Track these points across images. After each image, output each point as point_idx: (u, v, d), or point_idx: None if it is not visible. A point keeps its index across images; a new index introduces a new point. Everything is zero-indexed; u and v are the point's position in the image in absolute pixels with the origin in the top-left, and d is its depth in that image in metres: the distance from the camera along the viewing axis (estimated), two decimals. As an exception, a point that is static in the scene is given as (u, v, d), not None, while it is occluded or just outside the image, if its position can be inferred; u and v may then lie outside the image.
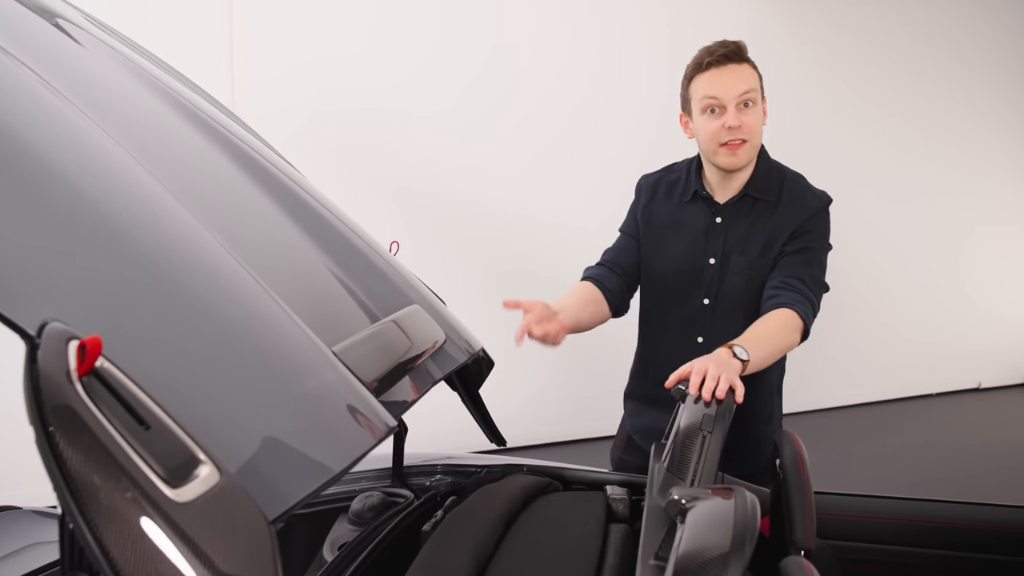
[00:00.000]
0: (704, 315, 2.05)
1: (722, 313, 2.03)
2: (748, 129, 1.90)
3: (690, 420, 1.45)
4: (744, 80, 1.89)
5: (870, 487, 1.81)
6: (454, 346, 1.49)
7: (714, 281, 2.02)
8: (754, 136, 1.92)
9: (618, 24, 4.87)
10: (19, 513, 1.91)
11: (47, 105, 1.00)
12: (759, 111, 1.93)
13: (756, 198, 1.99)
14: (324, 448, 0.90)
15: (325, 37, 4.48)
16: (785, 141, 5.40)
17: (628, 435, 2.26)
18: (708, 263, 2.02)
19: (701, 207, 2.04)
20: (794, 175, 2.06)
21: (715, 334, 2.03)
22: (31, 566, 1.56)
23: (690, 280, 2.05)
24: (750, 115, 1.90)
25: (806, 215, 1.98)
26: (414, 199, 4.76)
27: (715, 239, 2.02)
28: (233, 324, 0.94)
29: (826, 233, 2.02)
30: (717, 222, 2.02)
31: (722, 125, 1.89)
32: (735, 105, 1.88)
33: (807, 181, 2.07)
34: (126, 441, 0.66)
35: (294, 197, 1.42)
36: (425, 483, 1.81)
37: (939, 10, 5.85)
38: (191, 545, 0.65)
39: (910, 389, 6.01)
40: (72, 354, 0.66)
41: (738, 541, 0.88)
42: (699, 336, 2.06)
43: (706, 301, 2.04)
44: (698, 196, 2.04)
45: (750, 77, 1.91)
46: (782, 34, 5.45)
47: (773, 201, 1.99)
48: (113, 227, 0.89)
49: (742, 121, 1.89)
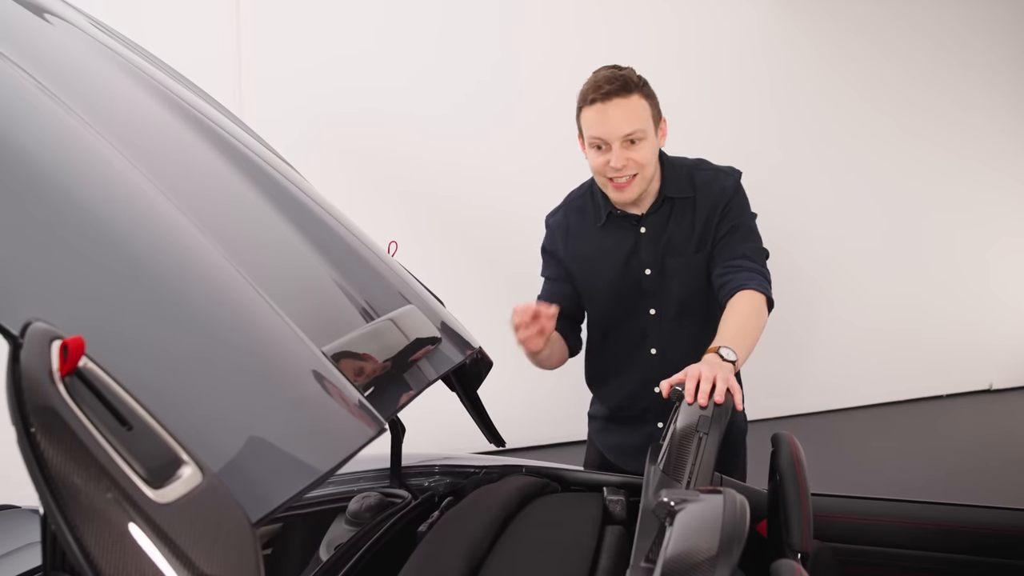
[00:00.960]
0: (653, 325, 2.05)
1: (670, 319, 2.03)
2: (635, 164, 1.88)
3: (686, 422, 1.44)
4: (629, 119, 1.85)
5: (879, 489, 1.79)
6: (450, 346, 1.48)
7: (655, 290, 2.02)
8: (645, 168, 1.90)
9: (628, 24, 4.86)
10: (19, 512, 1.92)
11: (34, 104, 1.00)
12: (649, 143, 1.89)
13: (675, 198, 1.99)
14: (310, 449, 0.90)
15: (331, 38, 4.49)
16: (798, 142, 5.45)
17: (599, 451, 2.25)
18: (645, 275, 2.02)
19: (621, 224, 2.03)
20: (698, 163, 2.05)
21: (668, 342, 2.04)
22: (29, 565, 1.57)
23: (632, 296, 2.04)
24: (638, 151, 1.87)
25: (726, 197, 1.98)
26: (420, 200, 4.76)
27: (645, 250, 2.01)
28: (220, 325, 0.94)
29: (747, 205, 2.02)
30: (642, 232, 2.01)
31: (606, 162, 1.88)
32: (620, 143, 1.86)
33: (712, 163, 2.06)
34: (107, 442, 0.66)
35: (289, 196, 1.42)
36: (423, 484, 1.81)
37: (946, 12, 5.83)
38: (172, 546, 0.65)
39: (921, 390, 5.98)
40: (55, 354, 0.66)
41: (726, 544, 0.88)
42: (652, 348, 2.06)
43: (652, 311, 2.04)
44: (614, 216, 2.03)
45: (636, 115, 1.86)
46: (792, 36, 5.43)
47: (692, 195, 1.99)
48: (100, 227, 0.90)
49: (628, 158, 1.87)
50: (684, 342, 2.02)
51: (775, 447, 1.51)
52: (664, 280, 2.01)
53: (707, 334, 1.81)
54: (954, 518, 1.71)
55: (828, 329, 5.75)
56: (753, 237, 1.99)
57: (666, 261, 2.00)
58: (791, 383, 5.63)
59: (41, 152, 0.93)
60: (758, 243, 1.99)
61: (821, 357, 5.75)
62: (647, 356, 2.06)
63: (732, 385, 1.53)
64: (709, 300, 2.00)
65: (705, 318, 2.00)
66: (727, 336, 1.74)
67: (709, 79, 5.07)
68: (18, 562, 1.62)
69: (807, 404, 5.67)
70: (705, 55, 5.05)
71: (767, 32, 5.38)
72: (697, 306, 2.02)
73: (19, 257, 0.78)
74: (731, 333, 1.75)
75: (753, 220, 2.02)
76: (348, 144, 4.58)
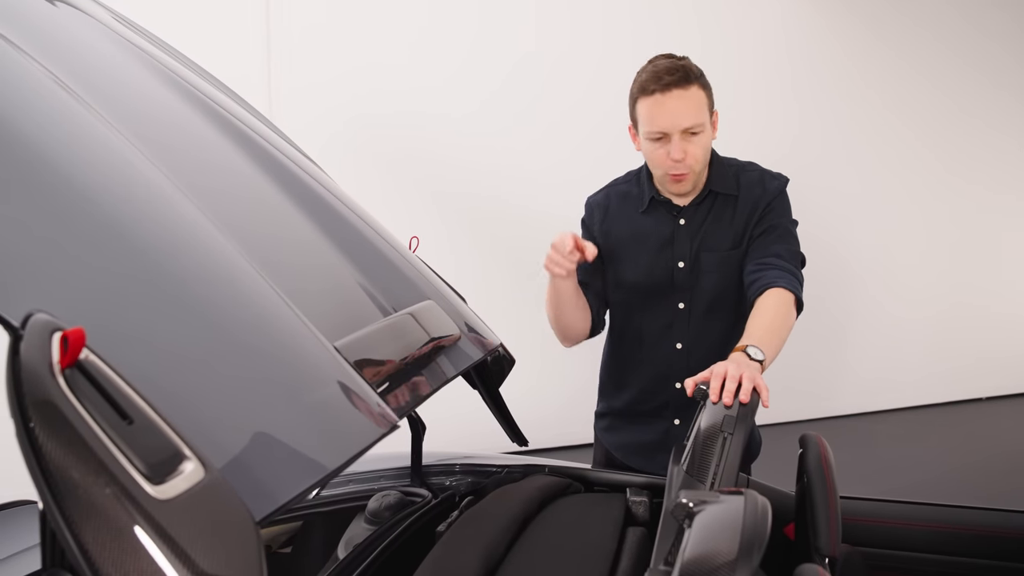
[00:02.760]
0: (681, 320, 2.02)
1: (699, 315, 2.01)
2: (692, 159, 1.87)
3: (710, 422, 1.41)
4: (689, 112, 1.84)
5: (914, 494, 1.75)
6: (469, 343, 1.46)
7: (687, 284, 2.00)
8: (698, 163, 1.90)
9: (651, 23, 4.83)
10: (36, 508, 1.93)
11: (48, 96, 0.99)
12: (706, 137, 1.89)
13: (719, 193, 1.98)
14: (318, 445, 0.88)
15: (362, 42, 4.51)
16: (838, 140, 5.38)
17: (606, 450, 2.21)
18: (678, 267, 2.00)
19: (661, 213, 2.02)
20: (747, 164, 2.04)
21: (695, 337, 2.02)
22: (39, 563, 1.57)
23: (662, 288, 2.02)
24: (695, 144, 1.87)
25: (768, 198, 1.97)
26: (449, 199, 4.78)
27: (681, 242, 1.99)
28: (227, 318, 0.92)
29: (788, 210, 2.00)
30: (681, 224, 2.00)
31: (666, 154, 1.87)
32: (680, 135, 1.85)
33: (760, 166, 2.05)
34: (107, 436, 0.65)
35: (308, 191, 1.40)
36: (444, 483, 1.79)
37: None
38: (171, 544, 0.64)
39: (960, 393, 5.89)
40: (55, 346, 0.65)
41: (746, 547, 0.85)
42: (678, 342, 2.03)
43: (681, 305, 2.02)
44: (656, 203, 2.02)
45: (696, 106, 1.85)
46: (819, 33, 5.37)
47: (735, 194, 1.98)
48: (108, 219, 0.89)
49: (687, 151, 1.86)
50: (711, 339, 2.00)
51: (803, 448, 1.47)
52: (697, 275, 1.99)
53: (736, 332, 1.78)
54: (988, 523, 1.66)
55: (866, 331, 5.69)
56: (789, 240, 1.96)
57: (700, 255, 1.98)
58: (829, 385, 5.58)
59: (52, 145, 0.92)
60: (794, 246, 1.96)
61: (859, 359, 5.69)
62: (672, 350, 2.03)
63: (759, 384, 1.49)
64: (740, 299, 1.97)
65: (735, 316, 1.97)
66: (755, 335, 1.71)
67: (740, 76, 5.04)
68: (35, 557, 1.63)
69: (845, 406, 5.61)
70: (731, 53, 5.02)
71: (795, 28, 5.32)
72: (728, 304, 2.00)
73: (23, 249, 0.77)
74: (759, 332, 1.72)
75: (792, 225, 1.99)
76: (379, 146, 4.61)
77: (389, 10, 4.54)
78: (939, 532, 1.66)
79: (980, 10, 5.78)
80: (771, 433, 2.33)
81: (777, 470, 2.14)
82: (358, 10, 4.50)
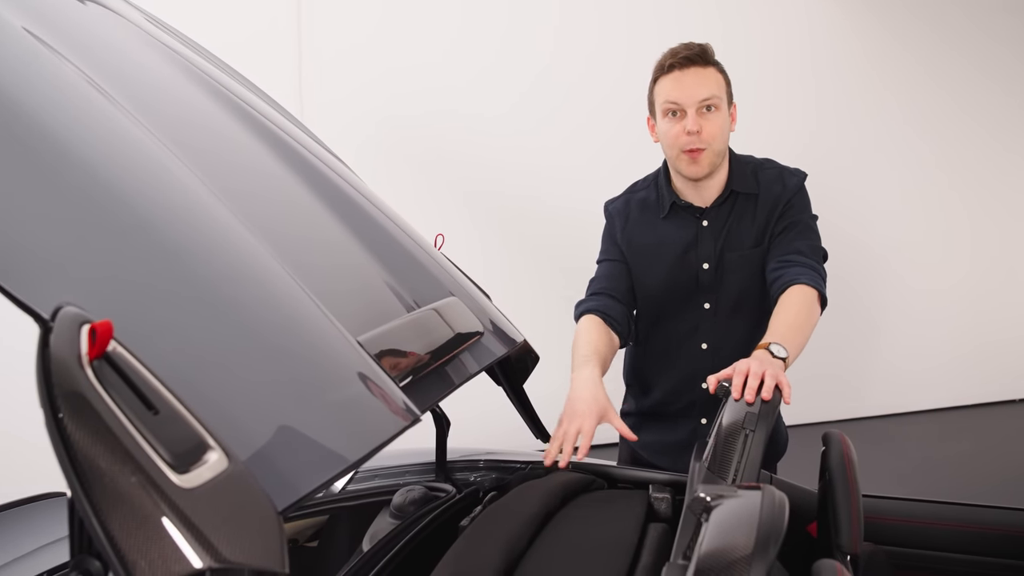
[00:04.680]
0: (706, 320, 2.02)
1: (724, 315, 2.01)
2: (708, 135, 1.87)
3: (732, 418, 1.41)
4: (706, 85, 1.86)
5: (944, 495, 1.73)
6: (493, 339, 1.47)
7: (713, 284, 2.00)
8: (715, 142, 1.89)
9: (675, 25, 4.81)
10: (65, 499, 1.96)
11: (76, 94, 1.01)
12: (722, 116, 1.89)
13: (740, 193, 1.98)
14: (340, 437, 0.89)
15: (394, 45, 4.54)
16: (853, 136, 5.33)
17: (631, 450, 2.21)
18: (703, 269, 2.00)
19: (683, 217, 2.01)
20: (764, 162, 2.04)
21: (720, 337, 2.02)
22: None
23: (687, 290, 2.02)
24: (711, 121, 1.87)
25: (788, 194, 1.96)
26: (479, 198, 4.80)
27: (705, 244, 1.99)
28: (253, 312, 0.94)
29: (808, 205, 2.00)
30: (704, 226, 1.99)
31: (682, 129, 1.87)
32: (696, 110, 1.85)
33: (778, 163, 2.04)
34: (133, 426, 0.66)
35: (333, 189, 1.42)
36: (468, 478, 1.80)
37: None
38: (195, 531, 0.65)
39: (991, 394, 5.81)
40: (84, 338, 0.67)
41: (762, 541, 0.85)
42: (703, 343, 2.03)
43: (707, 306, 2.02)
44: (677, 207, 2.01)
45: (714, 82, 1.88)
46: (859, 30, 5.33)
47: (756, 192, 1.97)
48: (136, 214, 0.90)
49: (701, 126, 1.86)
50: (737, 338, 2.00)
51: (825, 446, 1.46)
52: (721, 275, 1.99)
53: (760, 331, 1.78)
54: (1015, 523, 1.64)
55: (896, 332, 5.63)
56: (810, 235, 1.96)
57: (725, 256, 1.98)
58: (856, 385, 5.54)
59: (83, 144, 0.94)
60: (815, 241, 1.96)
61: (887, 359, 5.63)
62: (697, 351, 2.04)
63: (781, 380, 1.49)
64: (764, 297, 1.97)
65: (760, 314, 1.97)
66: (777, 332, 1.70)
67: (762, 75, 5.01)
68: (64, 550, 1.66)
69: (872, 407, 5.56)
70: (754, 52, 4.99)
71: (820, 28, 5.28)
72: (752, 302, 2.00)
73: (54, 244, 0.79)
74: (782, 329, 1.72)
75: (813, 220, 1.99)
76: (410, 147, 4.65)
77: (418, 14, 4.57)
78: (966, 532, 1.65)
79: (996, 15, 5.70)
80: (797, 433, 2.31)
81: (803, 470, 2.13)
82: (388, 14, 4.53)
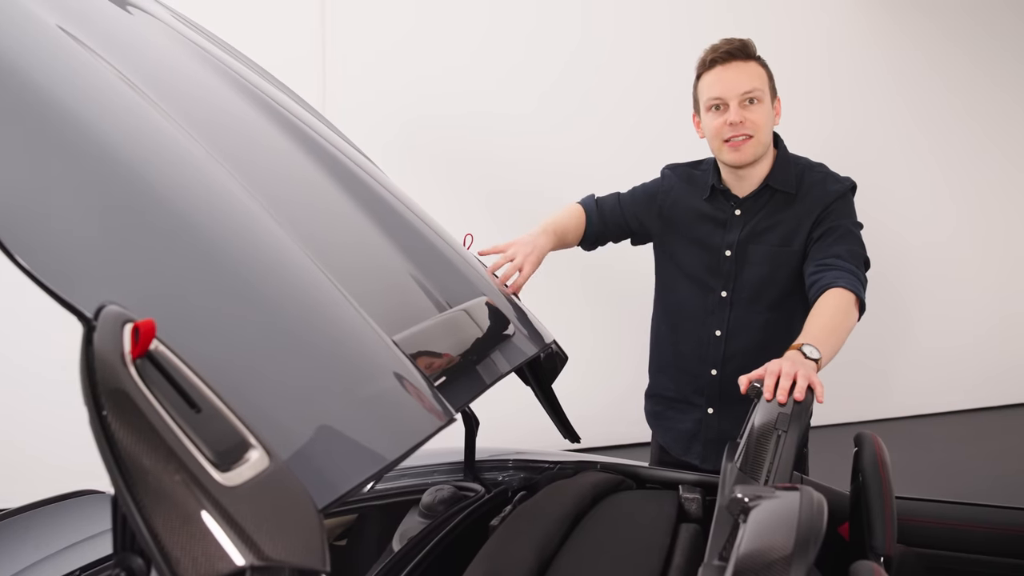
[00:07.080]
0: (722, 308, 2.03)
1: (740, 305, 2.02)
2: (752, 125, 1.90)
3: (764, 419, 1.39)
4: (748, 78, 1.90)
5: (972, 497, 1.70)
6: (523, 339, 1.47)
7: (731, 272, 2.01)
8: (759, 132, 1.91)
9: (688, 26, 4.79)
10: (100, 497, 1.98)
11: (114, 92, 1.02)
12: (765, 108, 1.92)
13: (776, 189, 1.98)
14: (378, 437, 0.89)
15: (420, 46, 4.54)
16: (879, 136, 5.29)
17: (660, 447, 2.24)
18: (724, 255, 2.02)
19: (720, 201, 2.05)
20: (813, 164, 2.04)
21: (735, 327, 2.02)
22: (110, 549, 1.61)
23: (707, 273, 2.05)
24: (754, 112, 1.90)
25: (828, 200, 1.96)
26: (503, 197, 4.79)
27: (732, 231, 2.01)
28: (291, 312, 0.95)
29: (851, 212, 1.99)
30: (736, 214, 2.02)
31: (725, 122, 1.90)
32: (738, 102, 1.89)
33: (828, 169, 2.04)
34: (176, 424, 0.66)
35: (368, 192, 1.42)
36: (497, 478, 1.80)
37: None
38: (237, 529, 0.65)
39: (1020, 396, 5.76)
40: (127, 337, 0.67)
41: (802, 542, 0.84)
42: (717, 330, 2.05)
43: (724, 294, 2.03)
44: (716, 191, 2.04)
45: (755, 75, 1.92)
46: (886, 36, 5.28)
47: (793, 192, 1.98)
48: (177, 215, 0.91)
49: (744, 117, 1.89)
50: (752, 330, 2.00)
51: (858, 447, 1.45)
52: (741, 265, 2.00)
53: (779, 328, 1.80)
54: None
55: (926, 332, 5.58)
56: (851, 240, 1.93)
57: (748, 246, 2.00)
58: (886, 386, 5.49)
59: (122, 141, 0.95)
60: (856, 247, 1.93)
61: (916, 361, 5.58)
62: (711, 336, 2.05)
63: (813, 381, 1.48)
64: (787, 295, 1.97)
65: (780, 312, 1.98)
66: (811, 333, 1.69)
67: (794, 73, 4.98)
68: (99, 545, 1.68)
69: (902, 408, 5.51)
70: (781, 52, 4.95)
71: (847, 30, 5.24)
72: (771, 299, 2.00)
73: (98, 244, 0.80)
74: (816, 330, 1.70)
75: (856, 227, 1.97)
76: (437, 148, 4.65)
77: (427, 25, 4.58)
78: (998, 535, 1.63)
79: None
80: (826, 434, 2.30)
81: (832, 471, 2.11)
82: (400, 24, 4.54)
